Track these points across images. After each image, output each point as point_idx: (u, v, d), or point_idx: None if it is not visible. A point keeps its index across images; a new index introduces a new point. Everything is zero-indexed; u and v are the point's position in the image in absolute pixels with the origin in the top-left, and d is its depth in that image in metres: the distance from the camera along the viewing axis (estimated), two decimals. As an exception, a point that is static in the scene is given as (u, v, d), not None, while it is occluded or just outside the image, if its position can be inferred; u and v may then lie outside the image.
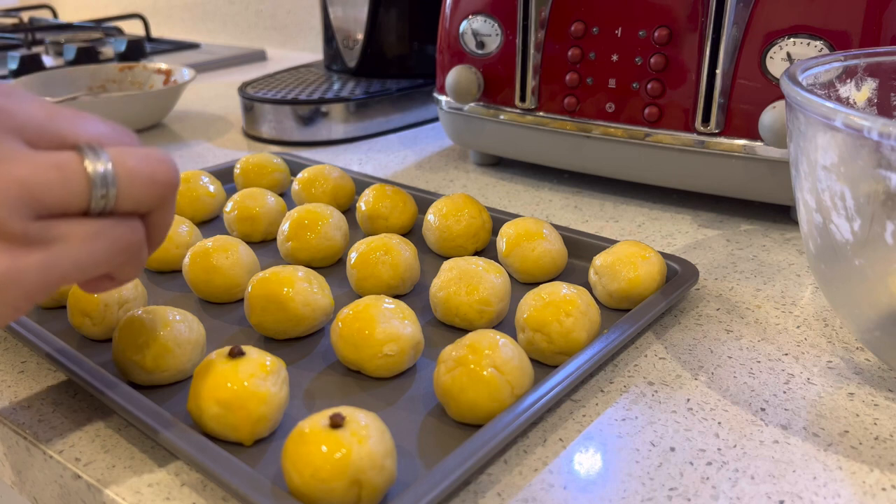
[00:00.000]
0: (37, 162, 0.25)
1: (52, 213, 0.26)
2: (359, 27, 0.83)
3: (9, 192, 0.24)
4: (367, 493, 0.27)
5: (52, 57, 1.19)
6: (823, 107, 0.31)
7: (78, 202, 0.26)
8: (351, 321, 0.36)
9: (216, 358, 0.33)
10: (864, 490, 0.30)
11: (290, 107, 0.76)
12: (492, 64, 0.61)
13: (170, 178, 0.29)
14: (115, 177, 0.27)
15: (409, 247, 0.45)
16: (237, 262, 0.44)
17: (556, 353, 0.37)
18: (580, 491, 0.30)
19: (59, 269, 0.26)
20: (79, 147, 0.27)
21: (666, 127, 0.54)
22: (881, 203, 0.30)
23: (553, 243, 0.45)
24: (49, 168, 0.25)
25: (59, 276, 0.26)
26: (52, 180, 0.25)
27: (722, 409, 0.35)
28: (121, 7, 1.63)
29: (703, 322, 0.42)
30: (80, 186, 0.26)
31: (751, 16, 0.50)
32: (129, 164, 0.27)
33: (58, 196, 0.26)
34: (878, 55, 0.40)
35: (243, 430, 0.31)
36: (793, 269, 0.48)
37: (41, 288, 0.26)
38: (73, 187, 0.26)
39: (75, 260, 0.26)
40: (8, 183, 0.24)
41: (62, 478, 0.33)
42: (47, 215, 0.26)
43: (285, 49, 1.36)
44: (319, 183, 0.56)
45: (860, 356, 0.38)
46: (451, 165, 0.69)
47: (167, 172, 0.29)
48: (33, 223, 0.25)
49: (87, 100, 0.75)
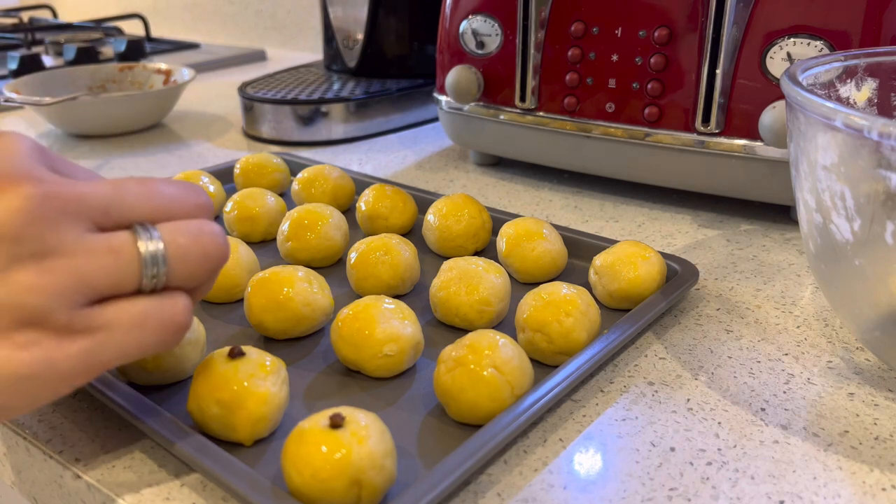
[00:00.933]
0: (93, 248, 0.26)
1: (106, 296, 0.26)
2: (359, 27, 0.83)
3: (66, 285, 0.25)
4: (367, 494, 0.27)
5: (52, 57, 1.19)
6: (823, 107, 0.31)
7: (129, 284, 0.27)
8: (351, 321, 0.36)
9: (216, 358, 0.33)
10: (864, 490, 0.30)
11: (290, 107, 0.76)
12: (492, 64, 0.61)
13: (220, 254, 0.29)
14: (165, 256, 0.27)
15: (409, 247, 0.45)
16: (237, 262, 0.44)
17: (556, 353, 0.37)
18: (580, 491, 0.30)
19: (103, 357, 0.26)
20: (133, 227, 0.27)
21: (666, 127, 0.54)
22: (881, 203, 0.30)
23: (553, 243, 0.45)
24: (104, 254, 0.26)
25: (101, 363, 0.26)
26: (107, 266, 0.26)
27: (722, 409, 0.35)
28: (121, 7, 1.63)
29: (703, 322, 0.42)
30: (131, 269, 0.26)
31: (751, 16, 0.50)
32: (181, 242, 0.28)
33: (112, 281, 0.26)
34: (878, 55, 0.40)
35: (243, 431, 0.31)
36: (793, 269, 0.48)
37: (81, 375, 0.26)
38: (125, 270, 0.26)
39: (120, 347, 0.27)
40: (65, 276, 0.25)
41: (62, 478, 0.33)
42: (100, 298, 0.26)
43: (285, 49, 1.36)
44: (319, 183, 0.56)
45: (860, 356, 0.38)
46: (451, 165, 0.69)
47: (218, 248, 0.29)
48: (80, 311, 0.25)
49: (87, 100, 0.75)
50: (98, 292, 0.26)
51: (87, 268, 0.25)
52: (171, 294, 0.28)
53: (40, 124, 0.87)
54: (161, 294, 0.28)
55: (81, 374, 0.26)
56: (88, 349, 0.26)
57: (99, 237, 0.26)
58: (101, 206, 0.27)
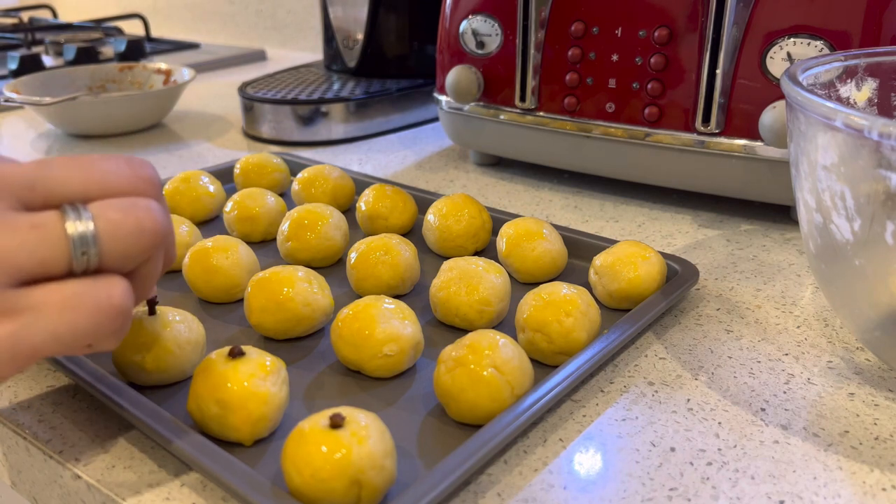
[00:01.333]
0: (16, 226, 0.25)
1: (33, 277, 0.25)
2: (359, 27, 0.83)
3: None
4: (367, 494, 0.27)
5: (52, 57, 1.19)
6: (824, 107, 0.31)
7: (58, 264, 0.25)
8: (351, 321, 0.36)
9: (216, 358, 0.33)
10: (864, 490, 0.30)
11: (289, 107, 0.76)
12: (492, 64, 0.61)
13: (156, 227, 0.27)
14: (95, 234, 0.26)
15: (409, 247, 0.45)
16: (237, 262, 0.44)
17: (556, 353, 0.37)
18: (580, 491, 0.30)
19: (31, 340, 0.25)
20: (62, 206, 0.26)
21: (666, 127, 0.54)
22: (881, 203, 0.30)
23: (553, 243, 0.45)
24: (27, 231, 0.25)
25: (30, 348, 0.25)
26: (30, 244, 0.25)
27: (722, 409, 0.35)
28: (121, 7, 1.63)
29: (704, 322, 0.42)
30: (59, 248, 0.25)
31: (751, 16, 0.50)
32: (112, 218, 0.26)
33: (37, 260, 0.25)
34: (878, 55, 0.40)
35: (243, 431, 0.31)
36: (793, 269, 0.48)
37: (8, 361, 0.25)
38: (52, 249, 0.25)
39: (49, 330, 0.25)
40: None
41: (62, 478, 0.33)
42: (30, 280, 0.25)
43: (285, 49, 1.36)
44: (319, 183, 0.56)
45: (860, 356, 0.38)
46: (451, 165, 0.69)
47: (153, 221, 0.27)
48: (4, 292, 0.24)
49: (87, 100, 0.75)
50: (24, 272, 0.25)
51: (8, 246, 0.24)
52: (106, 276, 0.26)
53: (40, 124, 0.87)
54: (96, 276, 0.26)
55: (8, 360, 0.25)
56: (14, 332, 0.24)
57: (22, 215, 0.25)
58: (25, 182, 0.25)
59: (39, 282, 0.25)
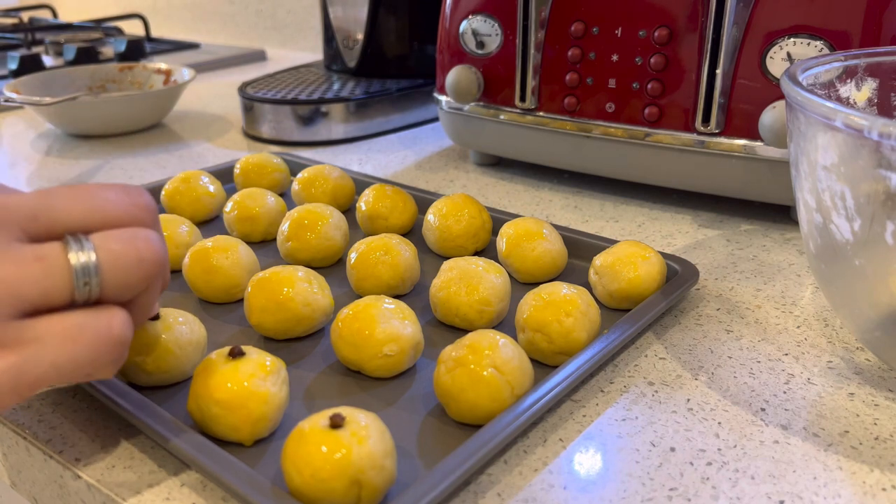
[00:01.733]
0: (21, 258, 0.25)
1: (36, 308, 0.25)
2: (359, 27, 0.83)
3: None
4: (367, 494, 0.27)
5: (52, 57, 1.19)
6: (823, 107, 0.31)
7: (61, 295, 0.26)
8: (351, 321, 0.36)
9: (216, 358, 0.33)
10: (864, 490, 0.30)
11: (289, 107, 0.76)
12: (492, 64, 0.61)
13: (155, 258, 0.28)
14: (97, 265, 0.26)
15: (409, 247, 0.45)
16: (237, 262, 0.44)
17: (556, 353, 0.37)
18: (580, 491, 0.30)
19: (33, 372, 0.25)
20: (64, 237, 0.26)
21: (666, 127, 0.54)
22: (881, 203, 0.30)
23: (553, 243, 0.45)
24: (31, 263, 0.25)
25: (32, 379, 0.25)
26: (34, 276, 0.25)
27: (722, 409, 0.35)
28: (121, 7, 1.63)
29: (704, 322, 0.42)
30: (62, 279, 0.26)
31: (751, 16, 0.50)
32: (113, 249, 0.27)
33: (41, 291, 0.25)
34: (878, 55, 0.40)
35: (243, 431, 0.31)
36: (793, 269, 0.48)
37: (11, 393, 0.25)
38: (55, 281, 0.25)
39: (51, 362, 0.25)
40: None
41: (62, 478, 0.33)
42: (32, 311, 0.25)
43: (285, 49, 1.36)
44: (319, 183, 0.56)
45: (860, 356, 0.38)
46: (451, 165, 0.69)
47: (153, 252, 0.28)
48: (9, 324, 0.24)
49: (87, 100, 0.75)
50: (28, 304, 0.25)
51: (13, 278, 0.24)
52: (106, 307, 0.27)
53: (40, 124, 0.87)
54: (97, 307, 0.27)
55: (11, 391, 0.25)
56: (17, 364, 0.25)
57: (26, 247, 0.25)
58: (28, 213, 0.26)
59: (41, 312, 0.26)
